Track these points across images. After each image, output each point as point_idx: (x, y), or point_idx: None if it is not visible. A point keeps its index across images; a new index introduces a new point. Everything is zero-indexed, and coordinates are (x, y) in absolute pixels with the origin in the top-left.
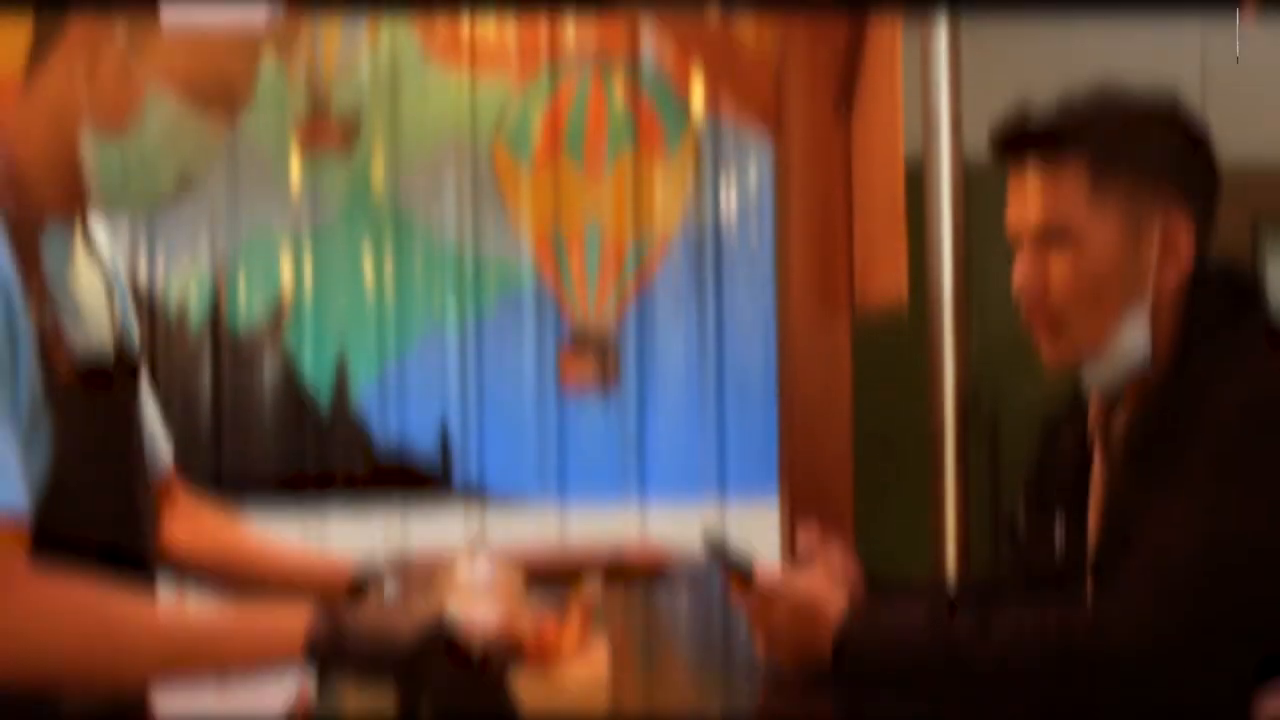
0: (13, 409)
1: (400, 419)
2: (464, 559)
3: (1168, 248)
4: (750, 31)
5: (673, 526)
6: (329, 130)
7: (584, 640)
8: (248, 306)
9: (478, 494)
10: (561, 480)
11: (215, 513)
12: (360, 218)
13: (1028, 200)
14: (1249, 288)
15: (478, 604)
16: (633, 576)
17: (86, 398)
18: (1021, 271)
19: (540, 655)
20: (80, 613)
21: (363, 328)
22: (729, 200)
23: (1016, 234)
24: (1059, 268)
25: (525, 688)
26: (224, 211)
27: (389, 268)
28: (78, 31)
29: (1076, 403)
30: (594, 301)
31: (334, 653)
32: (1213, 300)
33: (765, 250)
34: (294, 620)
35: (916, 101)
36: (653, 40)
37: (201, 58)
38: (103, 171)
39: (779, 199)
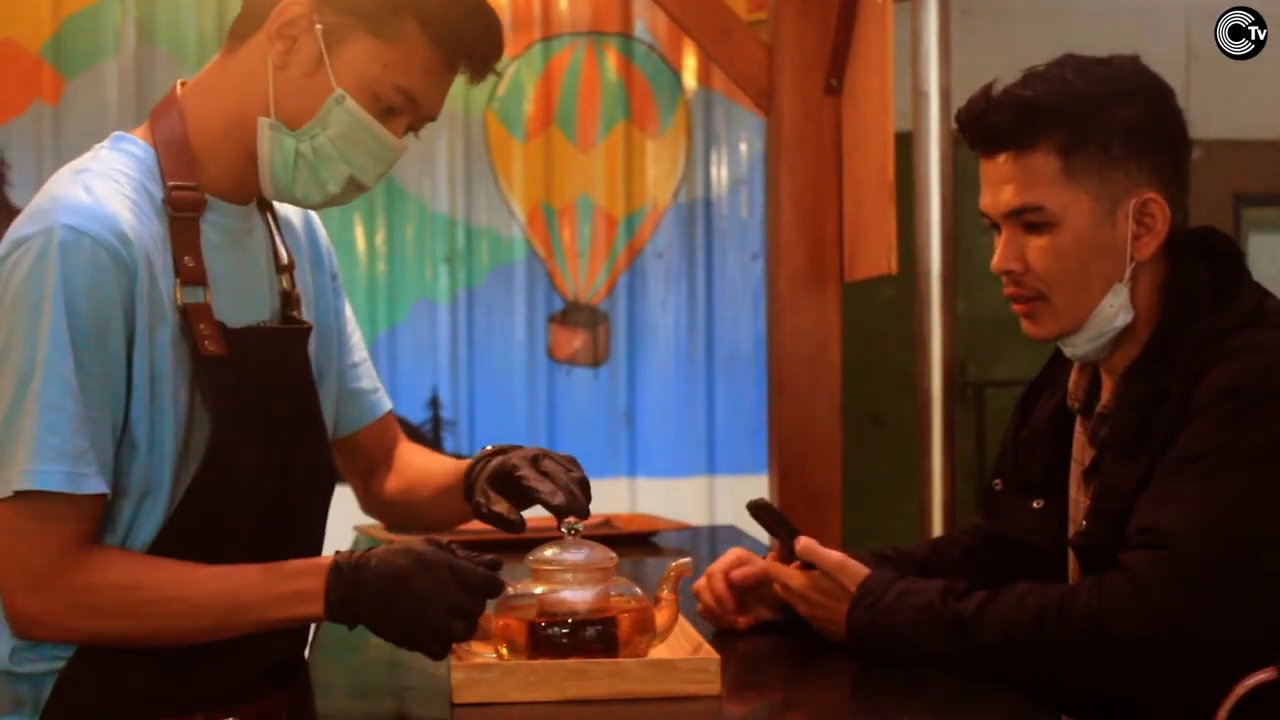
0: (114, 394)
1: (390, 389)
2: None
3: (1142, 221)
4: (743, 5)
5: (662, 499)
6: None
7: (675, 619)
8: None
9: None
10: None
11: (423, 453)
12: None
13: (1000, 184)
14: (1230, 260)
15: (571, 585)
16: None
17: (235, 367)
18: (1001, 253)
19: (634, 636)
20: (129, 589)
21: (354, 298)
22: (720, 174)
23: (991, 216)
24: (1036, 248)
25: (639, 674)
26: None
27: (380, 238)
28: (277, 22)
29: (1054, 372)
30: (585, 274)
31: (351, 597)
32: (1195, 277)
33: (756, 224)
34: (314, 576)
35: (907, 77)
36: (646, 13)
37: (392, 69)
38: (274, 161)
39: (770, 173)
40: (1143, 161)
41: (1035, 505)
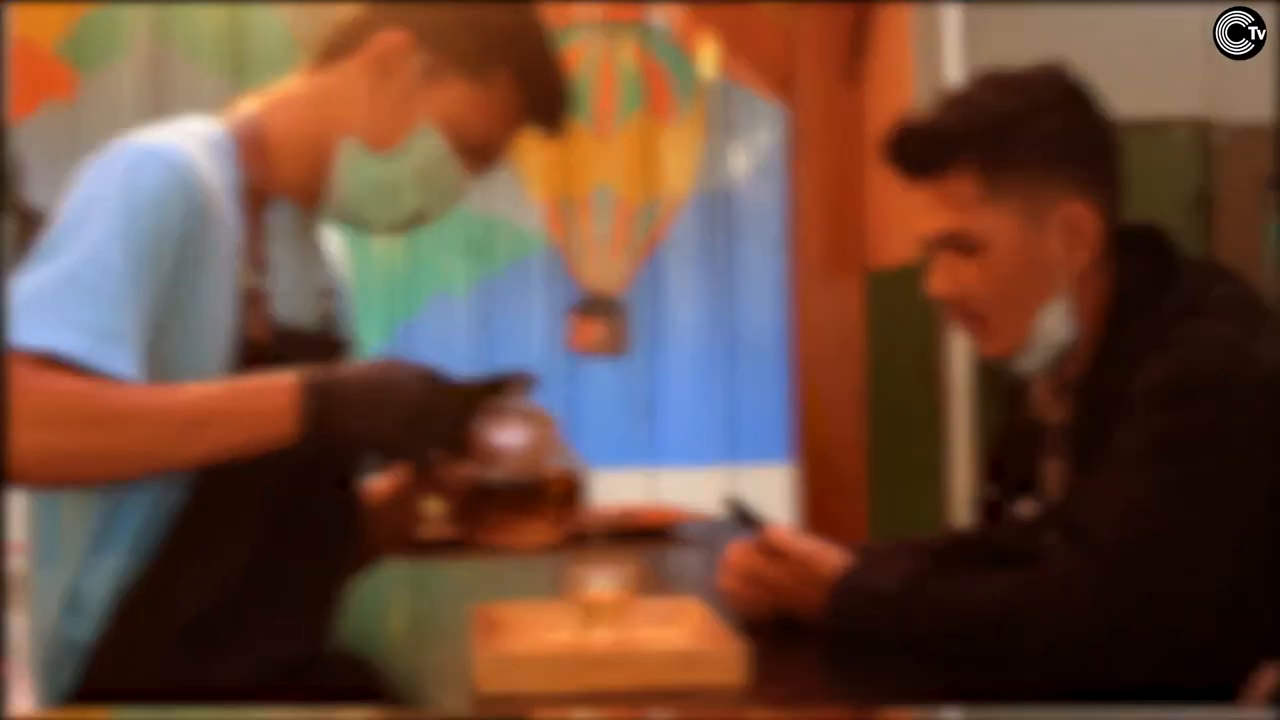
0: (151, 299)
1: None
2: (512, 392)
3: (1071, 233)
4: None
5: (684, 491)
6: None
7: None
8: None
9: None
10: (571, 445)
11: None
12: None
13: (926, 210)
14: (1167, 255)
15: (512, 427)
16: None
17: (273, 357)
18: (935, 279)
19: (567, 499)
20: (76, 397)
21: (371, 291)
22: (740, 163)
23: (923, 242)
24: (969, 272)
25: (665, 665)
26: None
27: None
28: (377, 48)
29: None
30: (604, 265)
31: (331, 407)
32: (1132, 277)
33: (776, 213)
34: (282, 394)
35: (928, 62)
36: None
37: (478, 112)
38: (349, 182)
39: (791, 162)
40: (1066, 172)
41: (1025, 511)
